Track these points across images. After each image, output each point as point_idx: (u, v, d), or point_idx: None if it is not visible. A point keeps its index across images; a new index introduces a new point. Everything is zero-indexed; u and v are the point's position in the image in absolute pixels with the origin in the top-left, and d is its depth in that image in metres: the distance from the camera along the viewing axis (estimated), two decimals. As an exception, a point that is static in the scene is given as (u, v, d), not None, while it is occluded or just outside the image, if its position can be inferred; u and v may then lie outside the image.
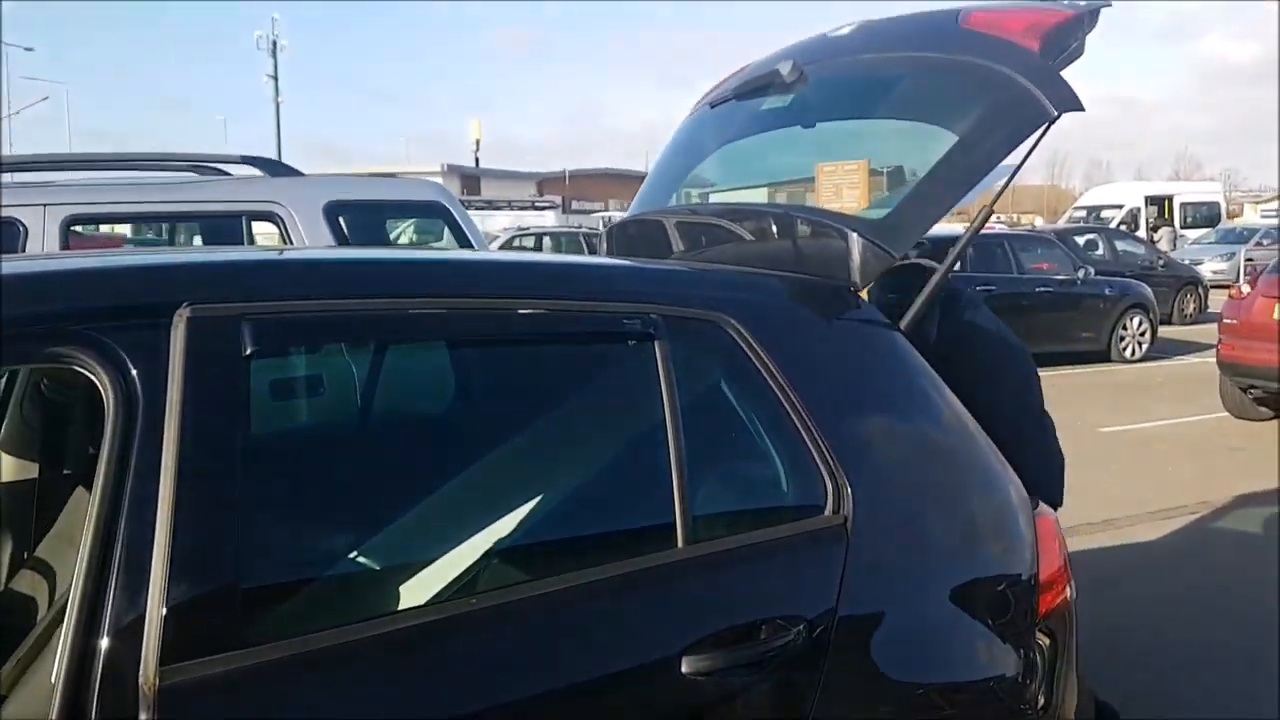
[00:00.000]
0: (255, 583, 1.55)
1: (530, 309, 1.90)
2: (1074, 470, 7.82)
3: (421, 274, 1.95)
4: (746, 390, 2.06)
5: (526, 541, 1.88)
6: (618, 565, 1.80)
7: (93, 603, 1.41)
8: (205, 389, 1.53)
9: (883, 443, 2.17)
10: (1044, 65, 2.39)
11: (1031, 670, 2.20)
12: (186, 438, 1.49)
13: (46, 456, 2.59)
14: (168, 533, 1.44)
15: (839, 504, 2.00)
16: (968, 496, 2.25)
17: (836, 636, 1.91)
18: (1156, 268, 17.59)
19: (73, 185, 4.32)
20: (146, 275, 1.71)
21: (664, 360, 1.93)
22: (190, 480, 1.47)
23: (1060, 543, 2.34)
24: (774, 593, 1.91)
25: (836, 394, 2.13)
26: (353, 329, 1.75)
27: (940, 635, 2.12)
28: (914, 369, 2.28)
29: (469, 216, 5.00)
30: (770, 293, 2.25)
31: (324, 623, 1.56)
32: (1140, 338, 13.64)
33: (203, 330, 1.55)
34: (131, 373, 1.51)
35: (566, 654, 1.70)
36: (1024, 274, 13.06)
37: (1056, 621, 2.28)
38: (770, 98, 2.95)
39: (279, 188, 4.49)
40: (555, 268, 2.20)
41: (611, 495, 2.01)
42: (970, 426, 2.29)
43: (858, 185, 2.74)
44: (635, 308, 1.97)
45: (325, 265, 1.96)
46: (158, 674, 1.39)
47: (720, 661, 1.77)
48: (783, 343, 2.09)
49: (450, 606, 1.68)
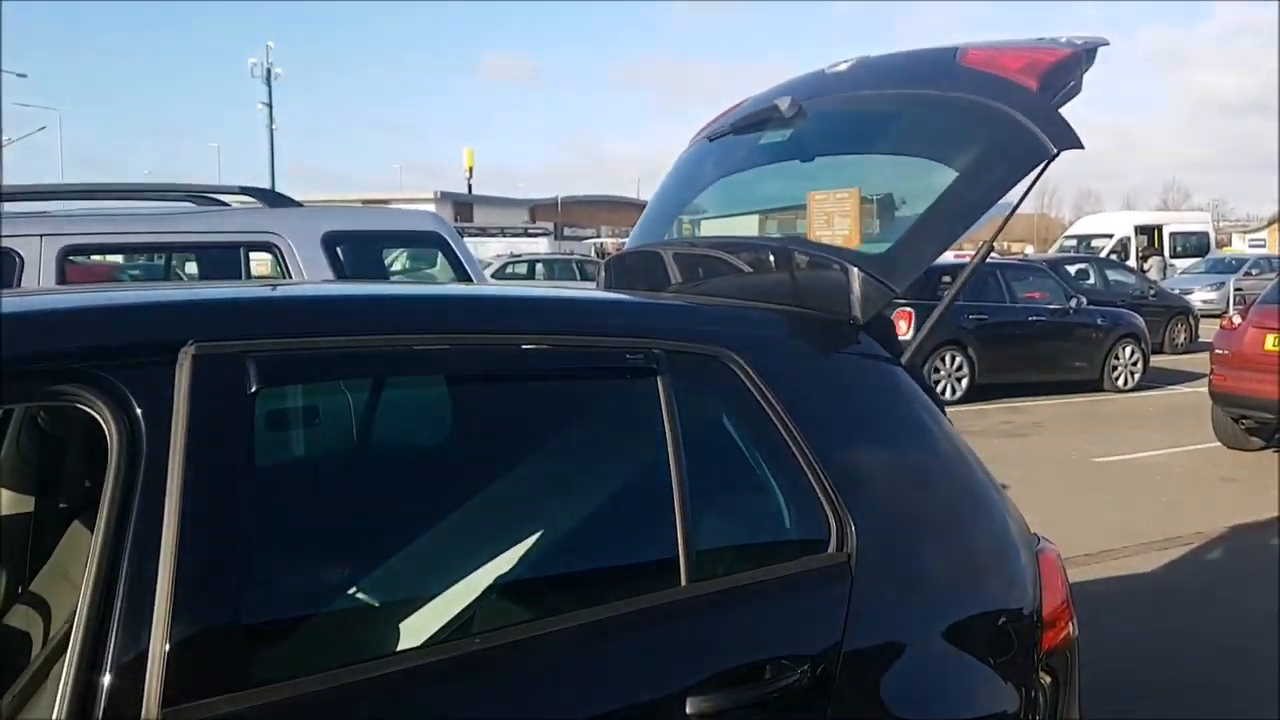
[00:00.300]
0: (257, 620, 1.54)
1: (533, 344, 1.90)
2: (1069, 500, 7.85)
3: (425, 310, 1.95)
4: (749, 425, 2.05)
5: (527, 577, 1.87)
6: (620, 604, 1.79)
7: (95, 639, 1.40)
8: (210, 427, 1.52)
9: (885, 478, 2.16)
10: (1043, 102, 2.40)
11: (1034, 708, 2.19)
12: (190, 476, 1.48)
13: (42, 490, 2.57)
14: (171, 571, 1.43)
15: (842, 541, 1.99)
16: (969, 530, 2.24)
17: (841, 675, 1.90)
18: (1148, 297, 17.69)
19: (69, 215, 4.32)
20: (151, 312, 1.70)
21: (666, 395, 1.93)
22: (194, 518, 1.46)
23: (1063, 578, 2.33)
24: (778, 632, 1.90)
25: (839, 429, 2.13)
26: (357, 365, 1.75)
27: (943, 672, 2.11)
28: (914, 403, 2.29)
29: (465, 246, 5.01)
30: (772, 327, 2.26)
31: (325, 662, 1.55)
32: (1133, 367, 13.69)
33: (208, 368, 1.55)
34: (136, 411, 1.50)
35: (569, 695, 1.69)
36: (1016, 303, 13.12)
37: (1059, 659, 2.27)
38: (769, 132, 2.96)
39: (277, 218, 4.49)
40: (557, 302, 2.20)
41: (613, 532, 2.00)
42: (969, 459, 2.29)
43: (849, 214, 2.74)
44: (637, 342, 1.97)
45: (329, 302, 1.96)
46: (160, 714, 1.38)
47: (725, 702, 1.75)
48: (785, 377, 2.09)
49: (451, 647, 1.66)
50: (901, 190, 2.75)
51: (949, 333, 12.36)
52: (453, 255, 4.87)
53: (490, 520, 1.93)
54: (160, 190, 4.86)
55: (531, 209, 57.08)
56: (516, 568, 1.84)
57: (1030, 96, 2.42)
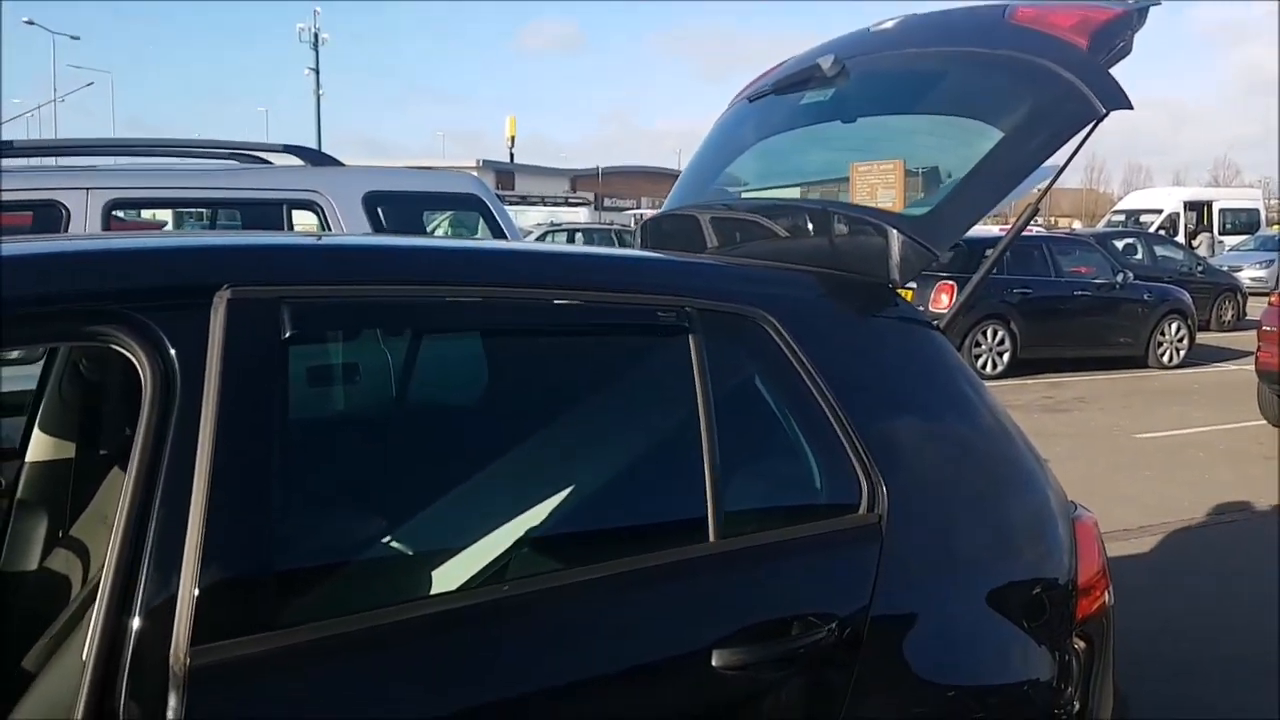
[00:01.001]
0: (288, 566, 1.55)
1: (565, 299, 1.89)
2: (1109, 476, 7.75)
3: (459, 262, 1.95)
4: (781, 386, 2.04)
5: (557, 531, 1.87)
6: (648, 557, 1.79)
7: (125, 582, 1.41)
8: (243, 371, 1.52)
9: (919, 442, 2.14)
10: (1092, 62, 2.34)
11: (1067, 675, 2.17)
12: (223, 420, 1.49)
13: (83, 436, 2.61)
14: (202, 514, 1.44)
15: (873, 502, 1.98)
16: (1005, 498, 2.22)
17: (869, 635, 1.89)
18: (1195, 274, 17.38)
19: (116, 170, 4.36)
20: (187, 256, 1.71)
21: (698, 354, 1.91)
22: (226, 462, 1.47)
23: (1099, 547, 2.30)
24: (806, 589, 1.89)
25: (873, 392, 2.11)
26: (389, 315, 1.75)
27: (974, 637, 2.10)
28: (953, 369, 2.26)
29: (505, 210, 5.01)
30: (807, 289, 2.23)
31: (355, 606, 1.56)
32: (1178, 344, 13.47)
33: (242, 312, 1.55)
34: (170, 353, 1.51)
35: (595, 644, 1.69)
36: (1062, 277, 12.92)
37: (1094, 626, 2.25)
38: (810, 92, 2.92)
39: (319, 177, 4.51)
40: (590, 259, 2.20)
41: (643, 487, 2.00)
42: (1009, 429, 2.26)
43: (893, 185, 2.70)
44: (670, 300, 1.96)
45: (364, 251, 1.96)
46: (188, 654, 1.39)
47: (750, 656, 1.76)
48: (819, 339, 2.07)
49: (481, 593, 1.68)
50: (945, 151, 2.70)
51: (991, 306, 12.21)
52: (492, 218, 4.87)
53: (522, 473, 1.93)
54: (205, 147, 4.90)
55: (572, 179, 56.99)
56: (547, 521, 1.84)
57: (1080, 55, 2.36)
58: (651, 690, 1.71)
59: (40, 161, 4.42)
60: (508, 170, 48.65)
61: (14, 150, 4.18)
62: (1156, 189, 37.31)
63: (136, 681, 1.38)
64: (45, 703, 1.70)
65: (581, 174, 58.45)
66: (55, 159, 4.55)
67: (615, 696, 1.68)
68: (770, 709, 1.80)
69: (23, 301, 1.47)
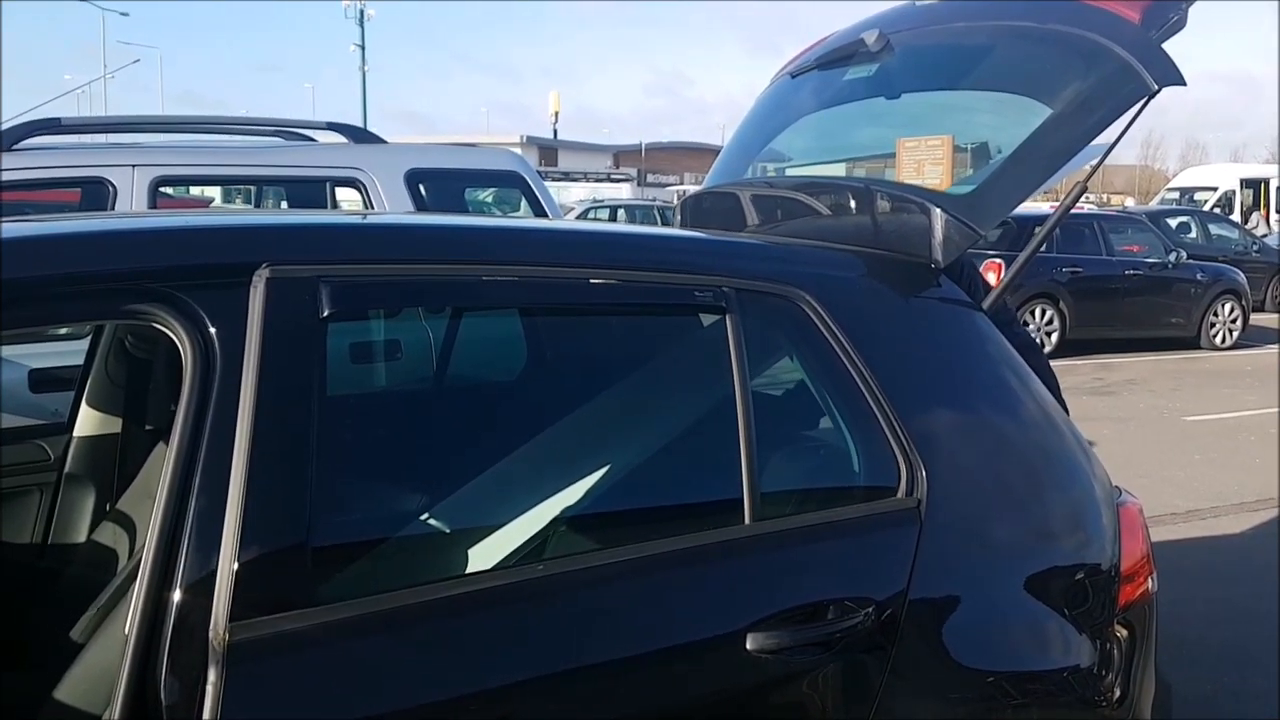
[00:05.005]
0: (326, 542, 1.56)
1: (602, 278, 1.88)
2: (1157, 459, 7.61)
3: (496, 240, 1.94)
4: (820, 367, 2.02)
5: (593, 511, 1.87)
6: (683, 539, 1.79)
7: (167, 557, 1.43)
8: (283, 349, 1.54)
9: (959, 425, 2.11)
10: (1145, 37, 2.28)
11: (1108, 662, 2.14)
12: (263, 397, 1.50)
13: (129, 411, 2.65)
14: (241, 491, 1.45)
15: (912, 486, 1.95)
16: (1047, 480, 2.18)
17: (906, 620, 1.87)
18: (1250, 253, 17.01)
19: (161, 147, 4.40)
20: (227, 235, 1.72)
21: (735, 333, 1.90)
22: (265, 439, 1.48)
23: (1144, 534, 2.26)
24: (842, 573, 1.88)
25: (913, 374, 2.08)
26: (427, 293, 1.75)
27: (1014, 623, 2.07)
28: (996, 351, 2.22)
29: (546, 187, 5.00)
30: (847, 268, 2.20)
31: (393, 584, 1.57)
32: (1231, 325, 13.21)
33: (281, 290, 1.56)
34: (210, 331, 1.52)
35: (627, 626, 1.69)
36: (1113, 256, 12.69)
37: (1136, 614, 2.21)
38: (854, 68, 2.88)
39: (362, 154, 4.53)
40: (628, 238, 2.18)
41: (679, 468, 1.99)
42: (1052, 412, 2.23)
43: (941, 161, 2.65)
44: (707, 280, 1.94)
45: (402, 229, 1.97)
46: (228, 629, 1.41)
47: (785, 640, 1.75)
48: (859, 320, 2.05)
49: (518, 572, 1.68)
50: (990, 127, 2.66)
51: (1040, 285, 12.04)
52: (532, 196, 4.86)
53: (558, 452, 1.93)
54: (250, 124, 4.93)
55: (615, 154, 56.88)
56: (583, 500, 1.84)
57: (1132, 30, 2.30)
58: (684, 672, 1.71)
59: (88, 139, 4.48)
60: (551, 146, 48.65)
61: (62, 127, 4.24)
62: (1212, 166, 36.46)
63: (176, 655, 1.40)
64: (91, 673, 1.73)
65: (625, 149, 58.32)
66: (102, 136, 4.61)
67: (647, 678, 1.68)
68: (805, 693, 1.79)
69: (66, 280, 1.49)
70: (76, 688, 1.74)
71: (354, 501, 1.73)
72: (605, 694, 1.65)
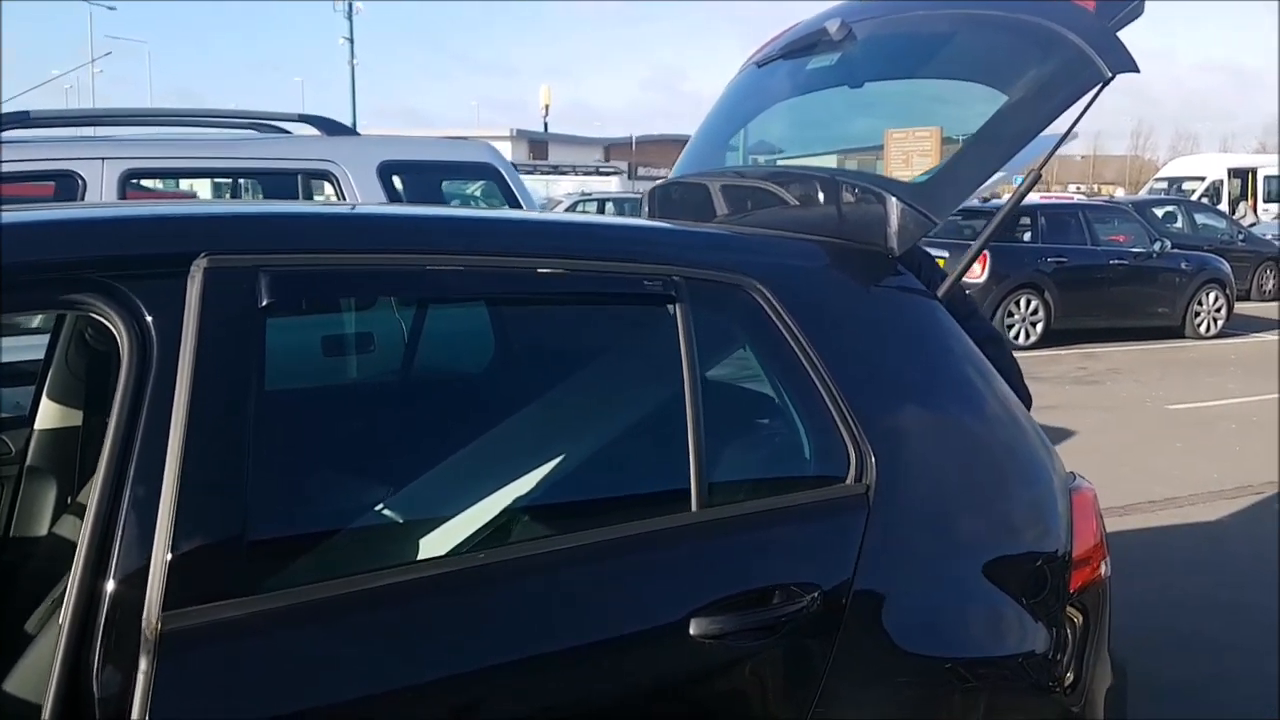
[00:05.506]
0: (265, 531, 1.56)
1: (549, 268, 1.88)
2: (1138, 447, 7.62)
3: (441, 230, 1.94)
4: (771, 355, 2.02)
5: (544, 500, 1.87)
6: (628, 526, 1.79)
7: (101, 547, 1.43)
8: (220, 339, 1.53)
9: (912, 411, 2.12)
10: (1099, 25, 2.29)
11: (1062, 647, 2.16)
12: (199, 387, 1.50)
13: (90, 404, 2.64)
14: (176, 480, 1.45)
15: (861, 472, 1.96)
16: (1001, 468, 2.19)
17: (853, 605, 1.88)
18: (1236, 242, 17.05)
19: (132, 140, 4.38)
20: (165, 225, 1.72)
21: (685, 323, 1.90)
22: (201, 429, 1.48)
23: (1097, 518, 2.27)
24: (788, 559, 1.88)
25: (866, 362, 2.09)
26: (370, 283, 1.75)
27: (968, 610, 2.08)
28: (950, 339, 2.23)
29: (521, 180, 4.99)
30: (800, 257, 2.21)
31: (335, 573, 1.57)
32: (1216, 314, 13.24)
33: (220, 280, 1.56)
34: (147, 320, 1.52)
35: (570, 612, 1.70)
36: (1098, 246, 12.72)
37: (1090, 598, 2.23)
38: (816, 57, 2.88)
39: (334, 146, 4.52)
40: (576, 227, 2.18)
41: (629, 457, 2.00)
42: (1011, 403, 2.23)
43: (930, 153, 2.65)
44: (656, 269, 1.94)
45: (345, 219, 1.96)
46: (160, 618, 1.41)
47: (729, 625, 1.75)
48: (811, 308, 2.05)
49: (458, 561, 1.68)
50: (950, 117, 2.66)
51: (1025, 275, 12.06)
52: (507, 188, 4.86)
53: (507, 443, 1.93)
54: (221, 117, 4.91)
55: (606, 148, 56.75)
56: (535, 490, 1.85)
57: (1087, 18, 2.31)
58: (626, 658, 1.71)
59: (59, 132, 4.46)
60: (541, 140, 48.54)
61: (31, 121, 4.22)
62: (1200, 156, 36.52)
63: (110, 644, 1.40)
64: (40, 665, 1.72)
65: (615, 143, 58.19)
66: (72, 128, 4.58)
67: (588, 664, 1.69)
68: (749, 678, 1.80)
69: (2, 270, 1.49)
70: (25, 679, 1.73)
71: (298, 492, 1.72)
72: (545, 682, 1.66)
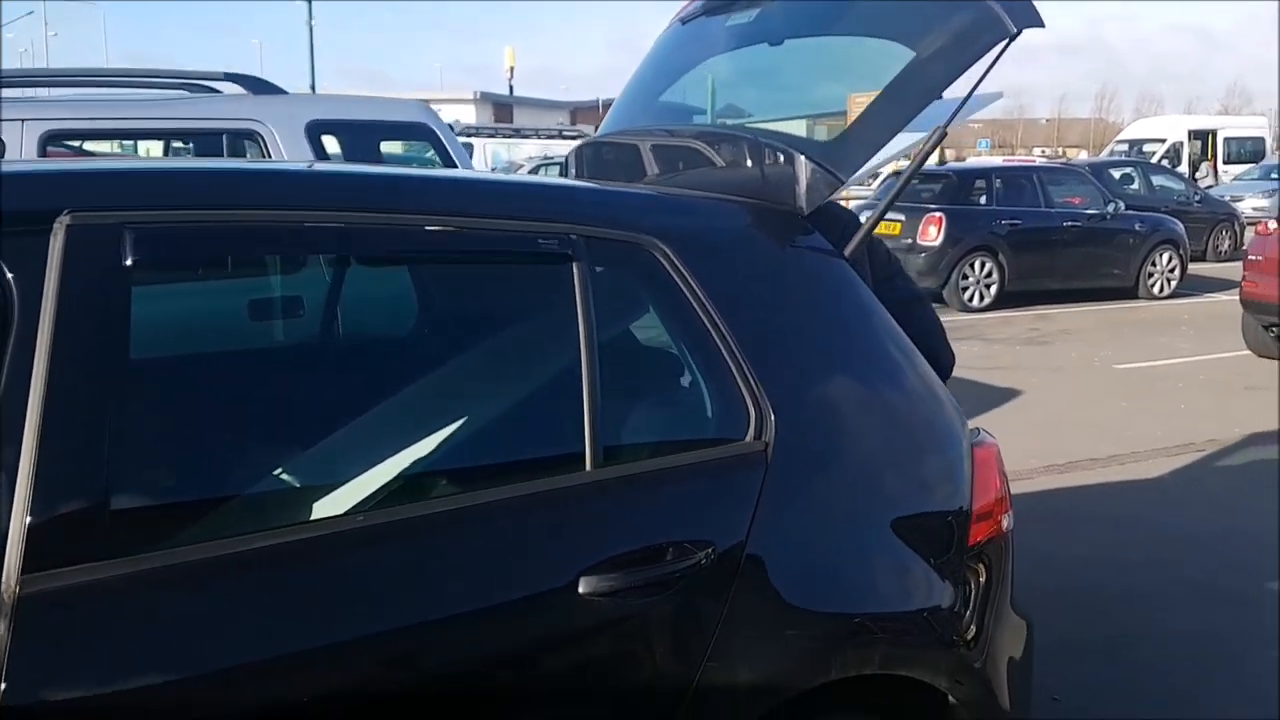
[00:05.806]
0: (133, 498, 1.54)
1: (438, 225, 1.84)
2: (1084, 407, 7.71)
3: (318, 186, 1.90)
4: (672, 314, 2.01)
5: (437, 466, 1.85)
6: (519, 486, 1.77)
7: None
8: (83, 298, 1.50)
9: (815, 368, 2.11)
10: None
11: (965, 601, 2.17)
12: (59, 347, 1.46)
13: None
14: (35, 444, 1.42)
15: (760, 430, 1.95)
16: (904, 424, 2.20)
17: (748, 561, 1.88)
18: (1192, 204, 17.19)
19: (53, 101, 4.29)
20: (27, 181, 1.67)
21: (581, 281, 1.88)
22: (61, 391, 1.45)
23: (1000, 473, 2.29)
24: (682, 516, 1.87)
25: (768, 320, 2.08)
26: (243, 241, 1.71)
27: (871, 565, 2.09)
28: (856, 297, 2.22)
29: (456, 140, 4.93)
30: (705, 216, 2.19)
31: (209, 538, 1.55)
32: (1169, 274, 13.36)
33: (83, 238, 1.52)
34: (7, 278, 1.48)
35: (453, 573, 1.68)
36: (1052, 208, 12.78)
37: (992, 551, 2.25)
38: (735, 14, 2.85)
39: (260, 105, 4.44)
40: (467, 183, 2.14)
41: (526, 419, 1.98)
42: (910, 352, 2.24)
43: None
44: (553, 227, 1.91)
45: (218, 174, 1.92)
46: (19, 582, 1.39)
47: (619, 583, 1.75)
48: (713, 267, 2.03)
49: (338, 523, 1.66)
50: (860, 73, 2.64)
51: (979, 238, 12.12)
52: (442, 148, 4.79)
53: (405, 407, 1.91)
54: (145, 76, 4.81)
55: (572, 111, 56.25)
56: (431, 455, 1.83)
57: None
58: (514, 617, 1.70)
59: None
60: (506, 103, 48.03)
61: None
62: (1161, 118, 36.82)
63: None
64: None
65: (582, 106, 57.67)
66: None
67: (475, 625, 1.67)
68: (639, 634, 1.79)
69: None
70: None
71: (176, 457, 1.69)
72: (430, 644, 1.65)
